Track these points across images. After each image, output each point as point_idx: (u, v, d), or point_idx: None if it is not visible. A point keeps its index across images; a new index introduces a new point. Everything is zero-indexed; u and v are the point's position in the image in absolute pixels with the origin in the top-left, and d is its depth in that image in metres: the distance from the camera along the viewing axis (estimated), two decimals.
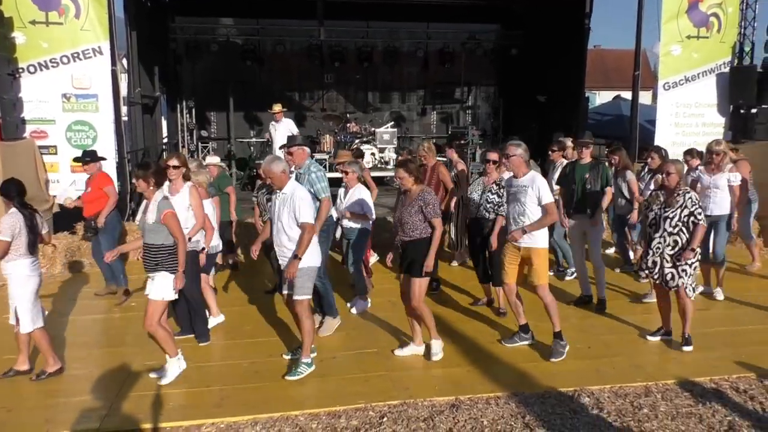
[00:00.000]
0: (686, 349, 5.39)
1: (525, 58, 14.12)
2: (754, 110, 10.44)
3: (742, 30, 10.69)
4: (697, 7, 10.49)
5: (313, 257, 4.92)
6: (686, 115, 10.70)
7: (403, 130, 15.11)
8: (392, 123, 14.46)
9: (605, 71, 33.89)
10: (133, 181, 4.77)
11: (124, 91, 10.18)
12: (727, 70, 10.64)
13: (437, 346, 5.22)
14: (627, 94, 16.02)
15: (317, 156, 12.17)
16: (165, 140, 13.15)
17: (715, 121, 10.79)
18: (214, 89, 14.23)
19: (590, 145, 6.59)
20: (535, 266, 5.22)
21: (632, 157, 9.23)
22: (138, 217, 4.78)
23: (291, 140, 6.20)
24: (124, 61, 11.16)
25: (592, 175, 6.38)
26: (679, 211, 5.26)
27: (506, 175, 5.89)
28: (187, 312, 5.54)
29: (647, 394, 4.63)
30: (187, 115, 13.95)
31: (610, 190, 6.51)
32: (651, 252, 5.42)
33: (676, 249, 5.31)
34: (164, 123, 13.40)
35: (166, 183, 5.19)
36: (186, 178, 5.48)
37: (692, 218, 5.27)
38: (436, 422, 4.21)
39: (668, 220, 5.29)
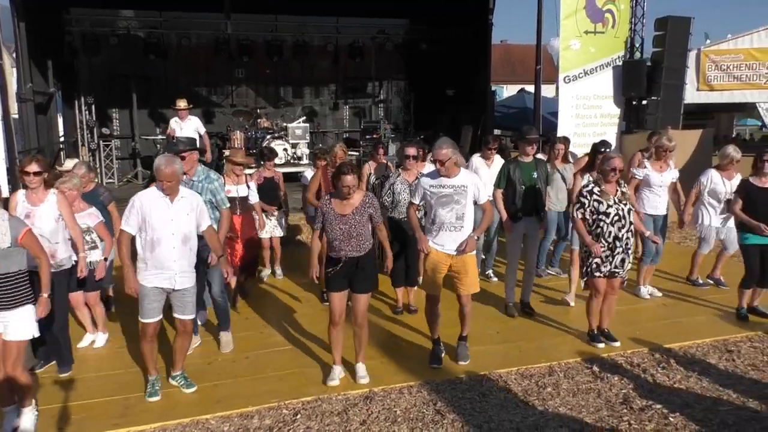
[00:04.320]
0: (616, 344, 5.32)
1: (433, 53, 14.40)
2: (644, 101, 11.16)
3: (633, 26, 11.36)
4: (594, 3, 11.05)
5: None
6: (585, 107, 11.24)
7: (315, 125, 15.03)
8: (304, 118, 14.35)
9: (512, 65, 35.09)
10: None
11: (14, 86, 9.52)
12: (621, 63, 11.28)
13: (364, 368, 4.79)
14: (532, 88, 16.66)
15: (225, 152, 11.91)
16: (62, 139, 12.43)
17: (611, 112, 11.41)
18: (116, 85, 13.57)
19: (537, 141, 6.08)
20: (470, 274, 4.88)
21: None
22: None
23: (182, 143, 5.35)
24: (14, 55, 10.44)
25: (539, 174, 6.00)
26: (629, 203, 5.24)
27: (426, 170, 5.65)
28: (49, 338, 4.79)
29: (551, 373, 4.85)
30: (87, 112, 13.23)
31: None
32: (620, 249, 5.15)
33: None
34: (60, 121, 12.66)
35: (21, 192, 4.63)
36: (48, 184, 4.76)
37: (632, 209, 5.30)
38: (350, 415, 4.23)
39: (630, 214, 5.18)
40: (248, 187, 6.50)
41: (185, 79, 14.00)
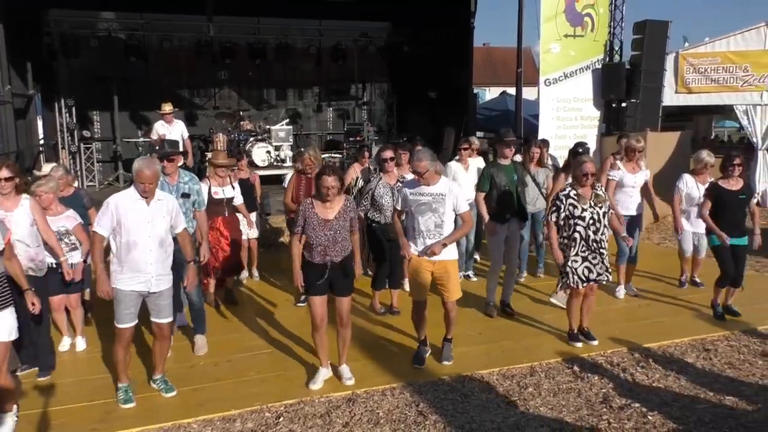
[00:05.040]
0: (594, 343, 5.40)
1: (416, 56, 14.46)
2: (623, 104, 11.31)
3: (612, 30, 11.51)
4: (573, 7, 11.18)
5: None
6: (566, 110, 11.36)
7: (299, 127, 15.02)
8: (287, 120, 14.33)
9: (494, 68, 35.28)
10: None
11: None
12: (600, 66, 11.42)
13: (349, 370, 4.81)
14: (513, 90, 16.81)
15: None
16: (41, 142, 12.28)
17: (591, 114, 11.55)
18: (96, 87, 13.45)
19: (515, 143, 6.11)
20: (453, 280, 4.92)
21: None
22: None
23: (172, 145, 5.61)
24: None
25: (519, 176, 6.11)
26: (606, 205, 5.29)
27: (408, 176, 5.70)
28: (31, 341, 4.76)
29: (532, 374, 4.90)
30: (67, 115, 13.09)
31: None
32: (602, 253, 5.24)
33: None
34: (40, 123, 12.51)
35: None
36: (20, 189, 4.68)
37: (610, 211, 5.37)
38: (332, 417, 4.23)
39: (605, 217, 5.25)
40: (233, 188, 6.49)
41: (167, 81, 13.91)
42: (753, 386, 4.63)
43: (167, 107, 9.66)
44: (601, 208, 5.23)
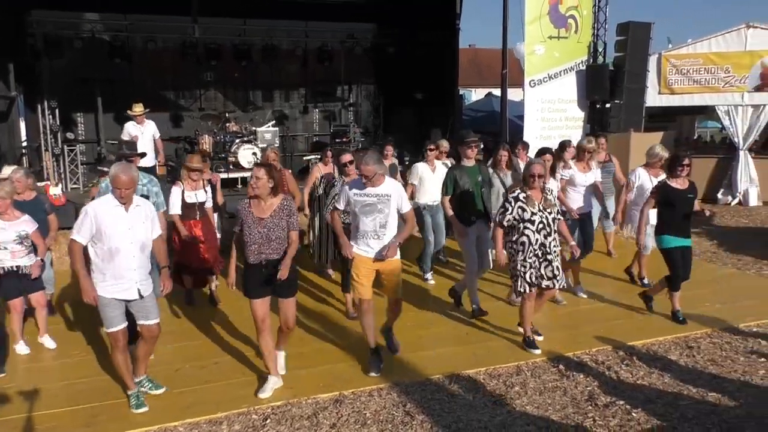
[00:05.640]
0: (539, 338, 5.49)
1: (402, 57, 14.49)
2: (607, 105, 11.43)
3: (596, 31, 11.63)
4: (557, 9, 11.28)
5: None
6: (551, 110, 11.46)
7: (285, 129, 14.97)
8: (274, 122, 14.28)
9: (479, 69, 35.38)
10: None
11: None
12: (584, 68, 11.53)
13: (283, 357, 4.91)
14: (499, 91, 16.89)
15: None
16: (24, 144, 12.16)
17: (576, 115, 11.65)
18: (80, 88, 13.29)
19: (477, 143, 6.13)
20: (397, 279, 4.97)
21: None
22: None
23: (130, 146, 5.60)
24: None
25: (484, 177, 6.13)
26: (555, 210, 5.28)
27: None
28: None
29: (518, 372, 4.94)
30: (50, 116, 12.94)
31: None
32: (552, 257, 5.19)
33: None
34: (23, 125, 12.39)
35: None
36: None
37: (559, 215, 5.35)
38: (319, 419, 4.24)
39: (555, 222, 5.22)
40: (206, 192, 6.49)
41: (151, 82, 13.77)
42: (735, 382, 4.70)
43: (138, 108, 9.55)
44: (550, 213, 5.19)
